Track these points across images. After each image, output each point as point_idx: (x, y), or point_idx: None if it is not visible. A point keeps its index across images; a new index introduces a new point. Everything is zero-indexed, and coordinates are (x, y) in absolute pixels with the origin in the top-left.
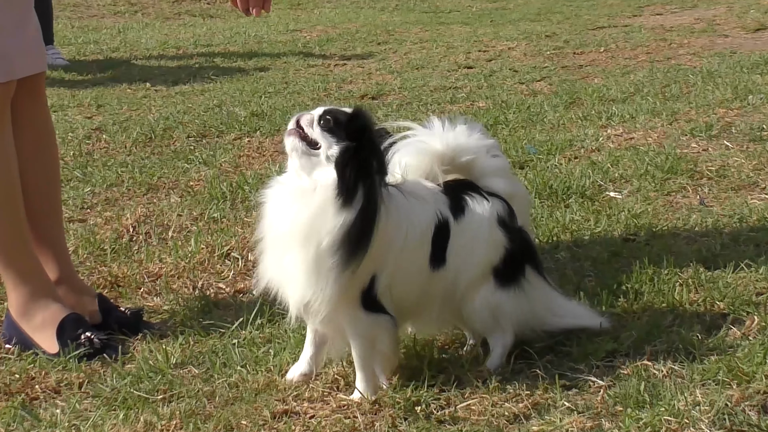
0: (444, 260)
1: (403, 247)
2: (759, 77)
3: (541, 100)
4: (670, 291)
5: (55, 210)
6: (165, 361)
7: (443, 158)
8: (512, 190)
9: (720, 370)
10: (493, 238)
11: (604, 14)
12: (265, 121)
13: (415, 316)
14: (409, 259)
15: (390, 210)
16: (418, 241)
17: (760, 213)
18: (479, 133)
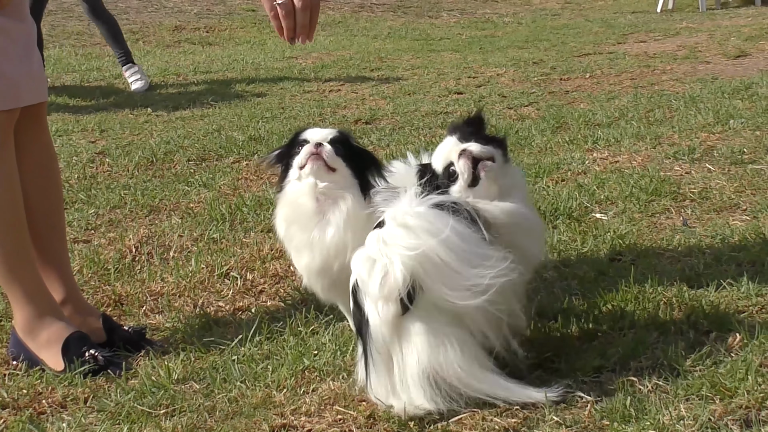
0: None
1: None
2: (740, 102)
3: (529, 124)
4: (654, 309)
5: (59, 231)
6: (167, 376)
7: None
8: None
9: (703, 385)
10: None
11: (590, 42)
12: (263, 145)
13: None
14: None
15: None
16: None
17: (741, 233)
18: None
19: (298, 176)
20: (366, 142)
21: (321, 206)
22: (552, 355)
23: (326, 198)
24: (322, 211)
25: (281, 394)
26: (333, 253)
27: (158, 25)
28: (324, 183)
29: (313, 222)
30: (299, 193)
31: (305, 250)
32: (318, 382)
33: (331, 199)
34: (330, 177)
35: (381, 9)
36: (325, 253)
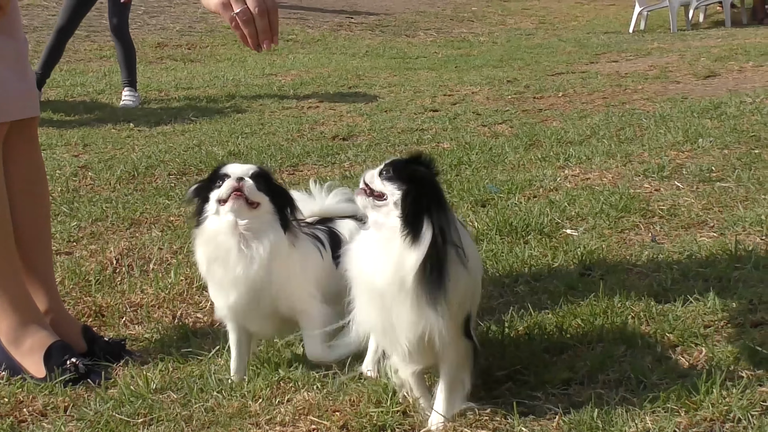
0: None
1: (476, 277)
2: (708, 121)
3: (503, 141)
4: (622, 323)
5: (45, 243)
6: (145, 386)
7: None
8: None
9: (669, 398)
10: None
11: (563, 61)
12: (242, 160)
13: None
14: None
15: (467, 244)
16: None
17: (708, 250)
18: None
19: (216, 211)
20: (343, 158)
21: (243, 242)
22: (522, 367)
23: (248, 234)
24: (245, 247)
25: (257, 404)
26: (258, 288)
27: (141, 42)
28: (244, 220)
29: (235, 259)
30: (219, 230)
31: (229, 287)
32: (293, 393)
33: (253, 235)
34: (251, 213)
35: (359, 28)
36: (251, 289)
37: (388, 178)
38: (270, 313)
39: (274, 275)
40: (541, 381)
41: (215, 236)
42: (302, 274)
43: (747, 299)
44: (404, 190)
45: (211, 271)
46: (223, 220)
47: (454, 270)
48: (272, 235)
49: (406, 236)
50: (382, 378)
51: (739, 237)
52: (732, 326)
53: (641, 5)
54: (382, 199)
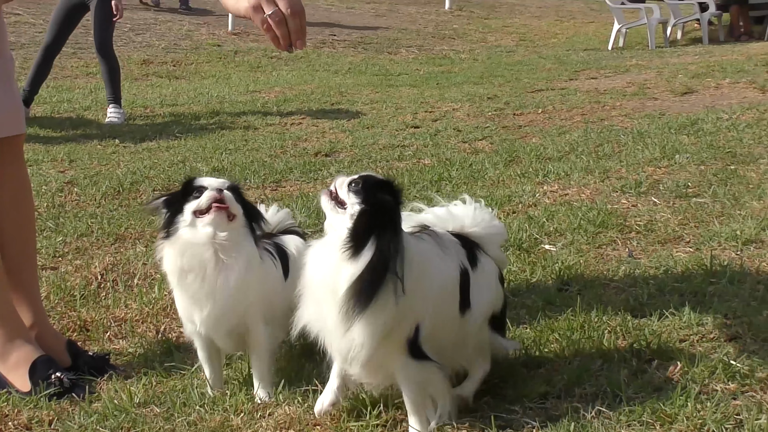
0: (469, 305)
1: (440, 295)
2: (685, 137)
3: (483, 158)
4: (599, 337)
5: (30, 259)
6: (129, 400)
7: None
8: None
9: (645, 411)
10: (497, 291)
11: (543, 78)
12: (226, 176)
13: (451, 360)
14: (446, 306)
15: (420, 261)
16: (451, 289)
17: (684, 265)
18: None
19: (191, 222)
20: (325, 174)
21: (221, 254)
22: (500, 381)
23: (225, 246)
24: (224, 258)
25: (238, 418)
26: (236, 299)
27: (127, 59)
28: (224, 233)
29: (213, 270)
30: (196, 241)
31: (205, 299)
32: (274, 407)
33: (230, 247)
34: (228, 226)
35: (342, 45)
36: (229, 300)
37: (355, 191)
38: (235, 327)
39: (251, 286)
40: (519, 395)
41: (190, 247)
42: (263, 288)
43: (722, 314)
44: (362, 208)
45: (185, 284)
46: (201, 232)
47: (383, 297)
48: (248, 247)
49: (347, 250)
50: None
51: (715, 252)
52: (707, 340)
53: (620, 23)
54: (342, 207)
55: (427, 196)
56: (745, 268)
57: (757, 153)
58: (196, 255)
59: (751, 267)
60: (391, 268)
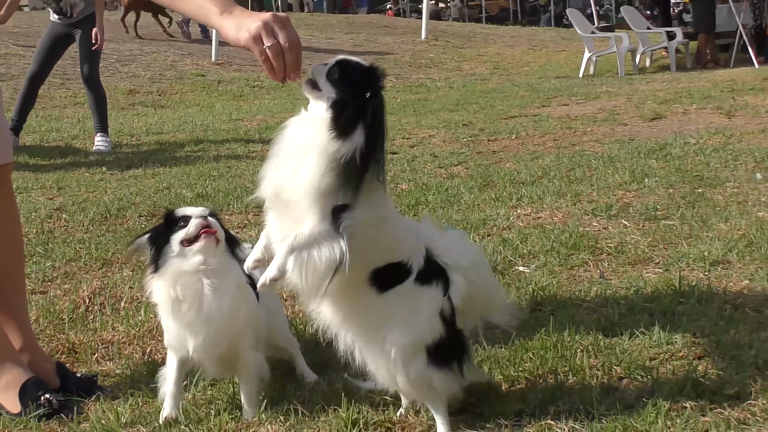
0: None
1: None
2: (654, 162)
3: (458, 182)
4: (572, 356)
5: (19, 284)
6: (116, 420)
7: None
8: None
9: (616, 428)
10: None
11: (516, 105)
12: (210, 202)
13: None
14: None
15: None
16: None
17: (654, 285)
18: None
19: (179, 252)
20: None
21: (212, 280)
22: (476, 400)
23: (216, 271)
24: (215, 284)
25: None
26: (229, 324)
27: (114, 89)
28: (214, 258)
29: (208, 296)
30: (187, 270)
31: (200, 326)
32: (257, 426)
33: (220, 272)
34: (216, 251)
35: None
36: (223, 325)
37: (332, 81)
38: (226, 352)
39: (242, 309)
40: (495, 412)
41: (182, 277)
42: (251, 311)
43: (691, 332)
44: (337, 98)
45: (180, 314)
46: (192, 260)
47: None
48: (236, 271)
49: (333, 132)
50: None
51: (683, 273)
52: (676, 359)
53: (590, 51)
54: (321, 96)
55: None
56: (713, 289)
57: (723, 176)
58: (189, 283)
59: (718, 287)
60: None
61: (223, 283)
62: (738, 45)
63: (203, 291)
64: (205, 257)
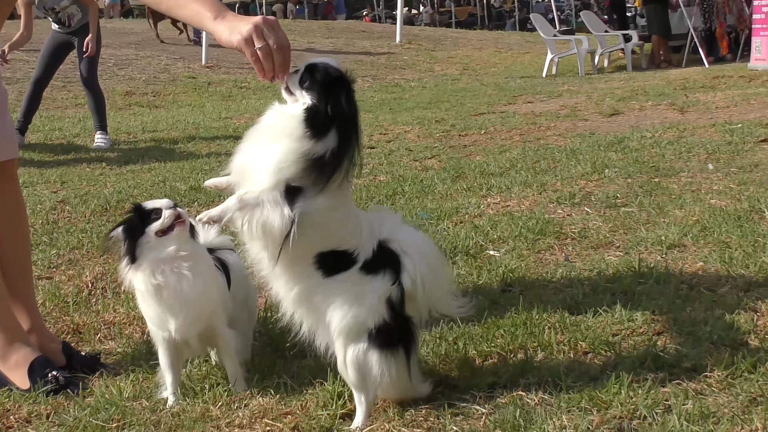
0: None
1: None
2: (614, 154)
3: (432, 174)
4: (540, 333)
5: (26, 271)
6: (118, 395)
7: None
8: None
9: (582, 398)
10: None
11: (485, 102)
12: (202, 194)
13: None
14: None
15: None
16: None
17: (615, 267)
18: None
19: (156, 242)
20: None
21: (187, 265)
22: (451, 373)
23: (190, 256)
24: (190, 268)
25: (217, 408)
26: (204, 303)
27: (111, 91)
28: (187, 245)
29: (186, 280)
30: (164, 258)
31: (180, 308)
32: (249, 399)
33: (193, 257)
34: (188, 237)
35: None
36: (199, 305)
37: (306, 88)
38: (204, 330)
39: (212, 288)
40: (469, 385)
41: (161, 265)
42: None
43: (650, 311)
44: (312, 104)
45: (161, 299)
46: (168, 249)
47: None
48: (205, 254)
49: (307, 131)
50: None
51: (642, 256)
52: (637, 335)
53: (553, 52)
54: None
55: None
56: (670, 270)
57: (678, 167)
58: (168, 270)
59: (675, 269)
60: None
61: (197, 266)
62: (689, 46)
63: (180, 275)
64: (180, 244)
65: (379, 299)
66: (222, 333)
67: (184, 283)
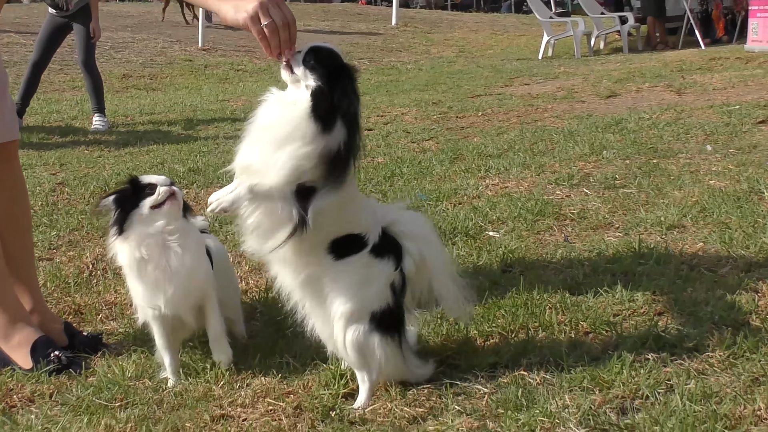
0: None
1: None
2: (611, 135)
3: (430, 156)
4: (541, 313)
5: (28, 252)
6: (121, 374)
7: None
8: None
9: (584, 378)
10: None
11: (481, 84)
12: (200, 176)
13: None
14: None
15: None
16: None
17: (614, 248)
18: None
19: (147, 216)
20: None
21: (175, 239)
22: (453, 353)
23: (178, 231)
24: (176, 243)
25: (219, 388)
26: (192, 277)
27: (108, 73)
28: (175, 220)
29: (173, 254)
30: (155, 231)
31: (168, 282)
32: (251, 378)
33: (182, 232)
34: (178, 215)
35: None
36: (187, 279)
37: (310, 68)
38: (194, 303)
39: (201, 262)
40: (471, 365)
41: (147, 239)
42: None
43: (651, 291)
44: (317, 87)
45: (146, 273)
46: (158, 223)
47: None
48: (194, 231)
49: (318, 125)
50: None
51: (642, 236)
52: (638, 315)
53: (549, 35)
54: (299, 81)
55: (382, 190)
56: (670, 251)
57: (676, 148)
58: (153, 244)
59: (675, 249)
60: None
61: (185, 242)
62: (686, 28)
63: (167, 250)
64: (169, 220)
65: (386, 283)
66: (211, 303)
67: (172, 257)
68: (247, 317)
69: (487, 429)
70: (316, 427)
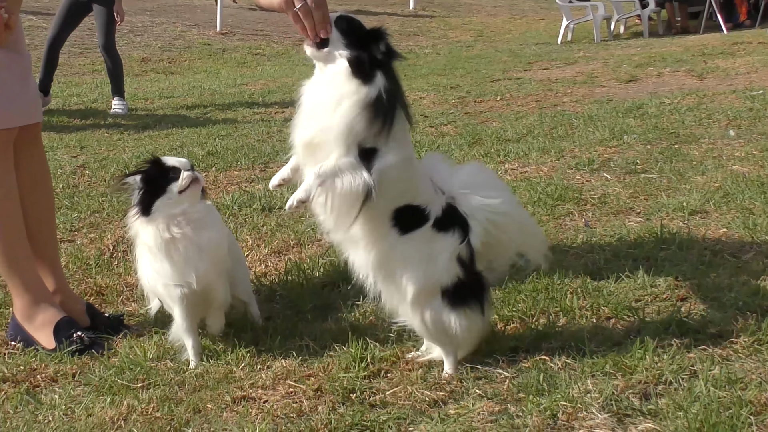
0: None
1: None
2: (632, 120)
3: (449, 140)
4: (562, 298)
5: (51, 233)
6: (143, 355)
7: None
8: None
9: (607, 363)
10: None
11: (500, 69)
12: (219, 159)
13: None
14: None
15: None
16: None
17: (636, 233)
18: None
19: (171, 199)
20: None
21: (199, 220)
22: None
23: (201, 212)
24: (201, 223)
25: (240, 370)
26: (219, 251)
27: (128, 57)
28: (198, 202)
29: (199, 233)
30: (179, 212)
31: (198, 258)
32: (272, 360)
33: (204, 212)
34: (200, 196)
35: None
36: (215, 252)
37: (343, 32)
38: (221, 273)
39: (223, 240)
40: (492, 349)
41: (173, 219)
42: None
43: (673, 276)
44: (353, 54)
45: (176, 251)
46: (184, 205)
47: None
48: (214, 212)
49: (358, 80)
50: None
51: (664, 222)
52: (660, 300)
53: (568, 19)
54: (324, 47)
55: None
56: (692, 236)
57: (698, 133)
58: (181, 224)
59: (697, 235)
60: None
61: (208, 218)
62: (707, 12)
63: (195, 227)
64: (192, 201)
65: (450, 258)
66: (224, 278)
67: (201, 233)
68: (267, 299)
69: (508, 413)
70: (337, 410)
